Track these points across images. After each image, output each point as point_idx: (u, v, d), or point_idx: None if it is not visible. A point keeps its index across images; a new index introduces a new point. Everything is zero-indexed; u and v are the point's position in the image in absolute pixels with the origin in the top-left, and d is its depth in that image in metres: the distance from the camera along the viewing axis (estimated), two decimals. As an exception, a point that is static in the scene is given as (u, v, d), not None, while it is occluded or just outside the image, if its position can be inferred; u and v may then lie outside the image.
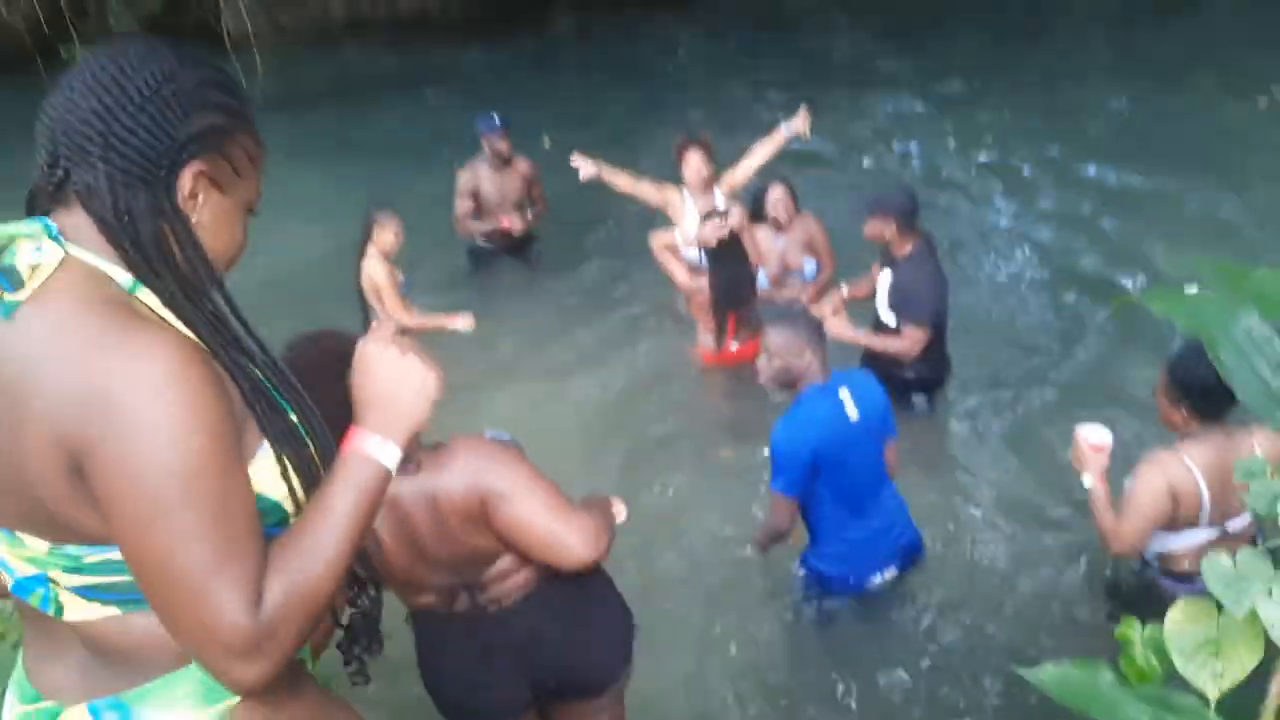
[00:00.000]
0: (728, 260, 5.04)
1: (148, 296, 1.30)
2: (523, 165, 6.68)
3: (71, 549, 1.28)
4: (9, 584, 1.36)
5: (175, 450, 1.17)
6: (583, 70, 13.37)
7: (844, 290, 5.09)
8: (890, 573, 3.74)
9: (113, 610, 1.33)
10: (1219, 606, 1.41)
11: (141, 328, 1.22)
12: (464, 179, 6.62)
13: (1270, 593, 1.32)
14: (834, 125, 9.38)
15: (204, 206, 1.34)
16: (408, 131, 11.08)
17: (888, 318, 4.72)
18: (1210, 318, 1.46)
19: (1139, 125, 8.52)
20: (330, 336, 2.19)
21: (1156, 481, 3.17)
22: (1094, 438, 3.31)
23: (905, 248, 4.63)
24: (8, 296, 1.22)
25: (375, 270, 5.39)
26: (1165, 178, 7.33)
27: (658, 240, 5.57)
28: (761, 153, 5.64)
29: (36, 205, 1.33)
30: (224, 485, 1.21)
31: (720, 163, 5.61)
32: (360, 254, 5.44)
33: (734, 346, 5.25)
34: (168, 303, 1.30)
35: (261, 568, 1.22)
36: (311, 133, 10.40)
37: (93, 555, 1.28)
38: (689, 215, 5.59)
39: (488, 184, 6.59)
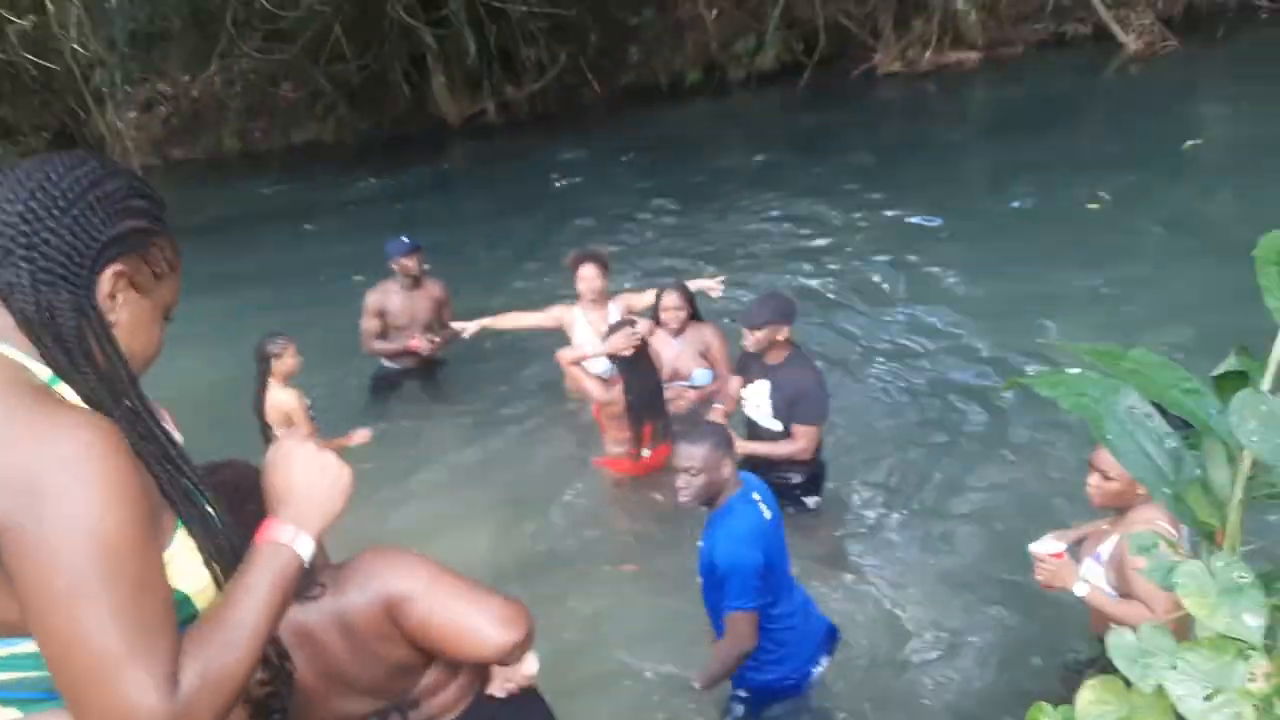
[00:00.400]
0: (640, 369, 5.07)
1: (66, 390, 1.30)
2: (434, 288, 6.68)
3: None
4: None
5: (95, 530, 1.16)
6: (481, 196, 13.56)
7: (721, 410, 5.06)
8: (824, 662, 3.73)
9: (11, 713, 1.28)
10: (1128, 683, 1.43)
11: (63, 411, 1.24)
12: (372, 299, 6.57)
13: (1175, 666, 1.34)
14: (732, 236, 9.70)
15: (123, 307, 1.39)
16: (303, 258, 11.05)
17: (771, 424, 4.72)
18: (1093, 397, 1.51)
19: (1011, 225, 8.94)
20: (229, 467, 2.16)
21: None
22: (1050, 548, 3.21)
23: (783, 353, 4.69)
24: None
25: (282, 398, 5.26)
26: (1042, 269, 7.69)
27: (565, 357, 5.57)
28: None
29: None
30: (141, 567, 1.21)
31: (620, 279, 5.70)
32: (260, 385, 5.30)
33: (646, 454, 5.25)
34: (86, 398, 1.30)
35: (176, 651, 1.21)
36: (207, 264, 10.24)
37: None
38: (581, 330, 5.67)
39: (397, 304, 6.57)
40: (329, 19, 15.69)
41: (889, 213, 9.79)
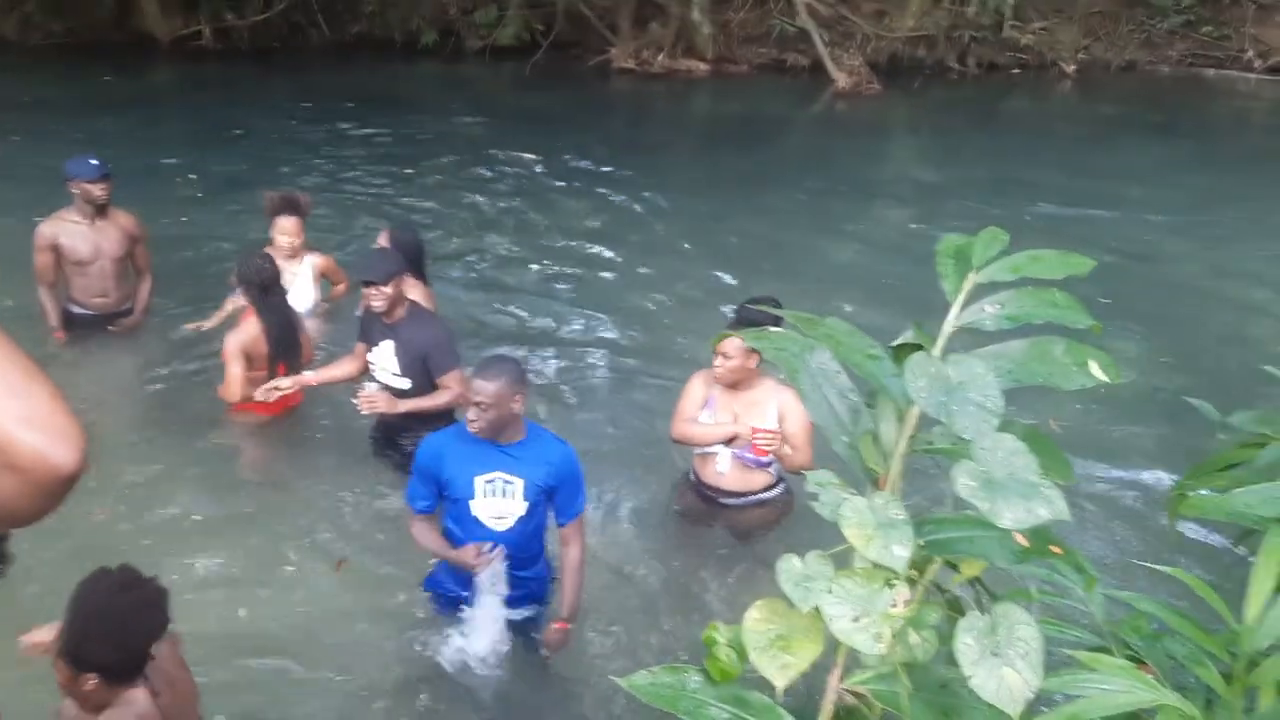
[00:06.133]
0: (271, 305, 4.90)
1: None
2: (123, 219, 5.80)
3: None
4: None
5: None
6: (183, 123, 12.60)
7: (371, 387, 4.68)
8: None
9: None
10: (790, 605, 1.58)
11: None
12: (44, 230, 5.62)
13: (830, 590, 1.50)
14: (442, 198, 9.66)
15: None
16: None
17: (399, 383, 4.57)
18: (792, 352, 1.67)
19: (711, 225, 9.41)
20: None
21: None
22: (770, 425, 4.08)
23: (403, 309, 4.56)
24: None
25: None
26: (733, 263, 8.16)
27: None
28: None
29: None
30: None
31: (320, 227, 5.47)
32: None
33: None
34: None
35: None
36: None
37: None
38: None
39: (77, 237, 5.66)
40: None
41: (600, 195, 10.16)
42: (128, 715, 2.40)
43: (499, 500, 3.49)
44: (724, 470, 4.31)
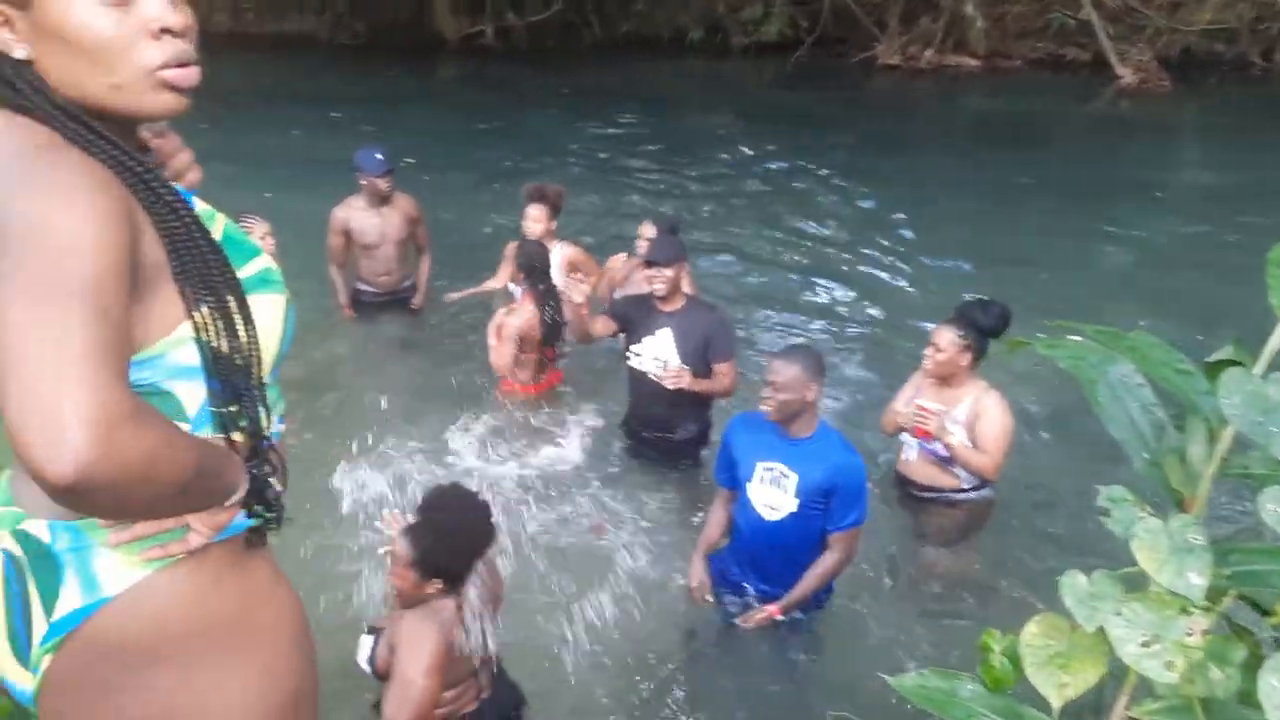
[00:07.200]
0: (551, 295, 5.13)
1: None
2: (406, 204, 6.26)
3: None
4: None
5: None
6: (463, 117, 13.42)
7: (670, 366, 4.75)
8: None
9: None
10: (1071, 623, 1.53)
11: (54, 147, 1.21)
12: (337, 215, 6.12)
13: (1119, 613, 1.44)
14: (704, 194, 9.80)
15: (23, 32, 1.25)
16: (277, 149, 10.89)
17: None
18: (1091, 363, 1.61)
19: (985, 231, 9.05)
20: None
21: (1010, 416, 4.10)
22: (935, 406, 4.09)
23: (683, 298, 4.69)
24: None
25: None
26: (1015, 275, 7.75)
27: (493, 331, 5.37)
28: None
29: None
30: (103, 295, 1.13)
31: (588, 226, 5.62)
32: None
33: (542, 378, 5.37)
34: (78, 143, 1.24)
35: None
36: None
37: None
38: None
39: (364, 222, 6.16)
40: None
41: (855, 193, 9.99)
42: (435, 618, 2.61)
43: (773, 490, 3.56)
44: (910, 459, 4.39)
